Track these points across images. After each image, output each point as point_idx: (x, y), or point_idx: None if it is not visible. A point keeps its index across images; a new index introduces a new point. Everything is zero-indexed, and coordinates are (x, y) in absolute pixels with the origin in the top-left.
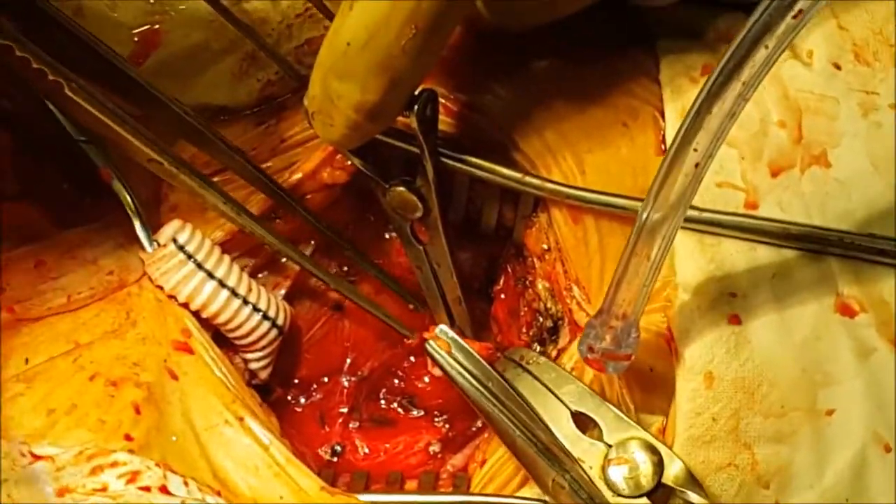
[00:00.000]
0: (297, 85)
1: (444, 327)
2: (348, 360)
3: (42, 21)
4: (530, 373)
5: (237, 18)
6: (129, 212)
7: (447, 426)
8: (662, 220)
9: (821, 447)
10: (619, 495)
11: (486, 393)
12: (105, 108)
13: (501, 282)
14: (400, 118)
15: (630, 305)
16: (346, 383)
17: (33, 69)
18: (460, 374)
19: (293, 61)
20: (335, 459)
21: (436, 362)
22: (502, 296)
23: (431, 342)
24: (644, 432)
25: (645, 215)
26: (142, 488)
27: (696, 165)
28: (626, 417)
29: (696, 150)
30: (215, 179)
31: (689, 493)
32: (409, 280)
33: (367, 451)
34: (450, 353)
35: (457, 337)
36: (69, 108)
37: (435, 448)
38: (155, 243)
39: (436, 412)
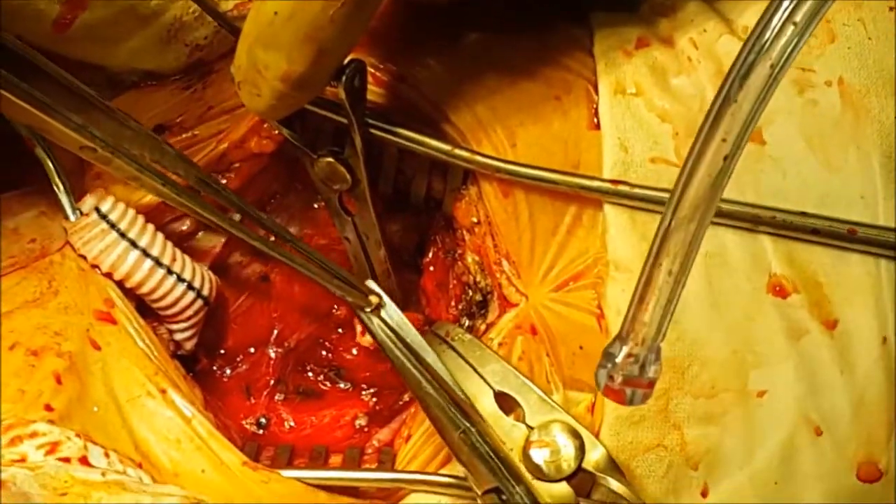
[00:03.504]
0: (225, 50)
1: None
2: (275, 331)
3: None
4: (455, 350)
5: None
6: (52, 179)
7: (374, 399)
8: (688, 222)
9: (751, 429)
10: (539, 478)
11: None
12: (30, 98)
13: (431, 254)
14: (328, 88)
15: (652, 327)
16: (272, 354)
17: None
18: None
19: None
20: (261, 432)
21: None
22: (431, 268)
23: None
24: (567, 416)
25: (669, 217)
26: (61, 459)
27: (726, 158)
28: (549, 400)
29: (724, 140)
30: None
31: (610, 479)
32: (337, 251)
33: (292, 423)
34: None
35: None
36: None
37: (361, 422)
38: (78, 212)
39: (363, 385)
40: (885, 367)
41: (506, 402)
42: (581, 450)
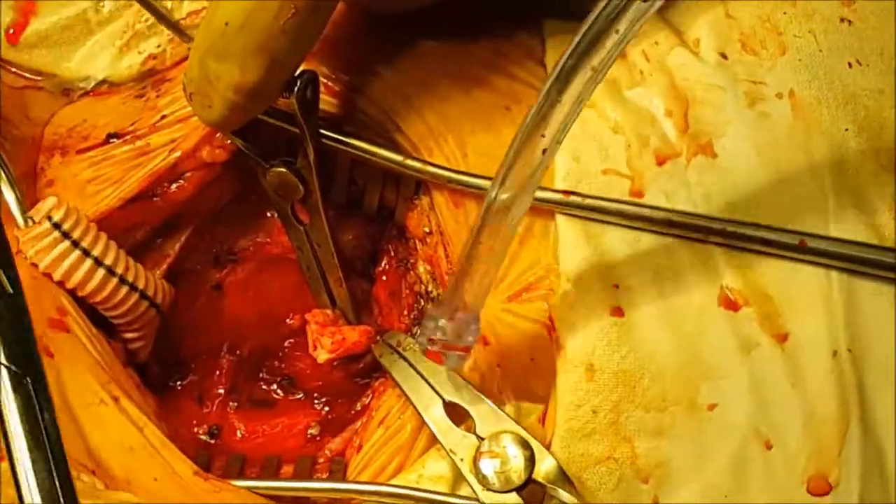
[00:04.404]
0: (179, 59)
1: None
2: (228, 340)
3: None
4: (406, 359)
5: None
6: (3, 187)
7: (326, 409)
8: (507, 206)
9: (702, 442)
10: (490, 489)
11: None
12: None
13: (383, 263)
14: (281, 99)
15: (473, 296)
16: (225, 363)
17: None
18: None
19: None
20: (212, 441)
21: None
22: (384, 277)
23: None
24: (517, 426)
25: (491, 198)
26: None
27: (544, 152)
28: (499, 410)
29: (543, 136)
30: None
31: (560, 490)
32: (290, 259)
33: (244, 432)
34: None
35: None
36: None
37: (314, 431)
38: (30, 220)
39: (316, 394)
40: (835, 381)
41: (456, 413)
42: (531, 461)
